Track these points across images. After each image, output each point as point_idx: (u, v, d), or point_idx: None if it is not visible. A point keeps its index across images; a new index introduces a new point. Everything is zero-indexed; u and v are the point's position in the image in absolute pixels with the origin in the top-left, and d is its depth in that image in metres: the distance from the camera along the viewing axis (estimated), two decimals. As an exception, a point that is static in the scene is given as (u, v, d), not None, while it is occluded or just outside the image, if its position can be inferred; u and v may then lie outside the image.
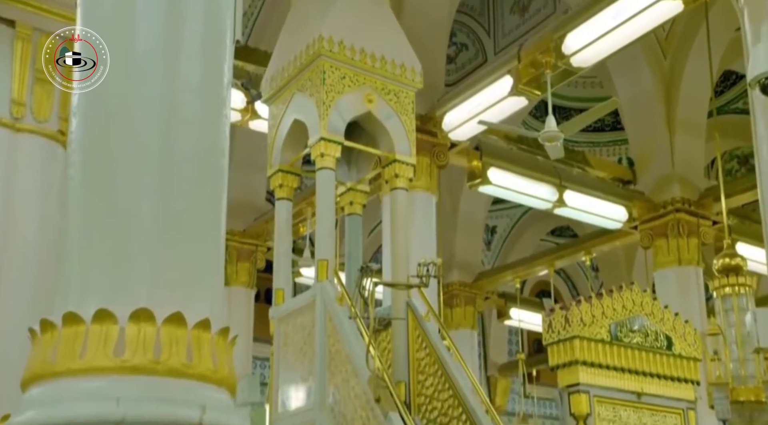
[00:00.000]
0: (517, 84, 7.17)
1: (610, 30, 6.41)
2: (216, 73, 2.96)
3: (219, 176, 2.94)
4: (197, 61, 2.88)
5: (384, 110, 6.12)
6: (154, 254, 2.64)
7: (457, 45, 13.18)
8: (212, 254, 2.84)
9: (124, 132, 2.73)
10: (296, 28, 6.49)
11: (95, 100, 2.74)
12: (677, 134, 10.04)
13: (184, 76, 2.85)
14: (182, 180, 2.79)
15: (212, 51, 2.95)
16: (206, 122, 2.90)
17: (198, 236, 2.81)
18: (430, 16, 8.42)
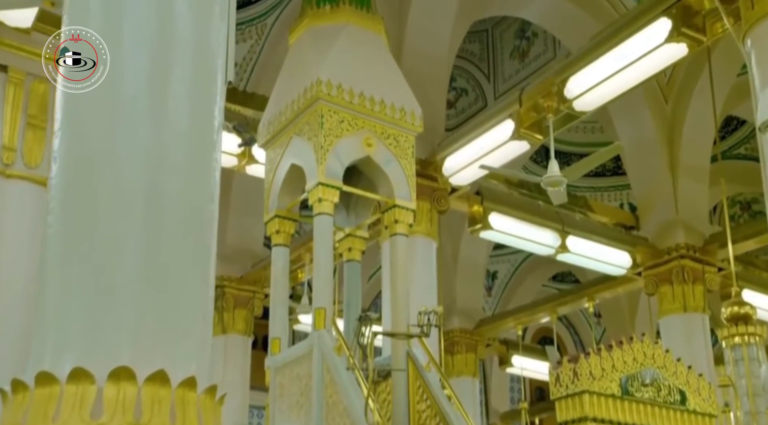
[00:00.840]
0: (518, 128, 7.05)
1: (612, 74, 6.31)
2: (206, 117, 2.82)
3: (208, 224, 2.78)
4: (186, 104, 2.74)
5: (383, 154, 6.00)
6: (137, 307, 2.47)
7: (457, 90, 13.15)
8: (200, 306, 2.67)
9: (107, 178, 2.58)
10: (294, 72, 6.39)
11: (77, 144, 2.60)
12: (680, 179, 9.92)
13: (172, 120, 2.71)
14: (169, 228, 2.64)
15: (202, 93, 2.81)
16: (195, 167, 2.76)
17: (185, 286, 2.64)
18: (430, 60, 8.34)
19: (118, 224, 2.54)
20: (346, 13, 6.28)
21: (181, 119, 2.74)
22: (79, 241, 2.52)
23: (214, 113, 2.86)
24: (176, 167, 2.70)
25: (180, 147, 2.72)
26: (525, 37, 12.41)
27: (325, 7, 6.34)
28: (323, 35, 6.24)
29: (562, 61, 6.89)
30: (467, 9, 9.01)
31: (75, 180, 2.58)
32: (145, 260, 2.58)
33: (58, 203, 2.55)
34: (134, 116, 2.66)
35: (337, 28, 6.24)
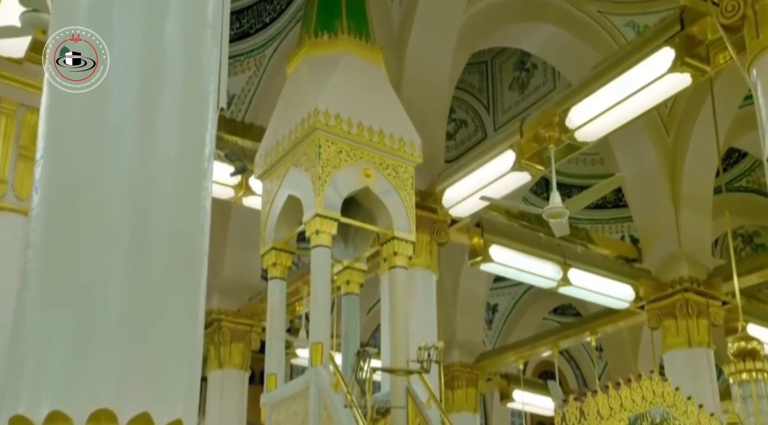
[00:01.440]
0: (519, 159, 6.94)
1: (615, 104, 6.20)
2: (196, 144, 2.70)
3: (198, 256, 2.65)
4: (175, 131, 2.62)
5: (382, 185, 5.90)
6: (120, 347, 2.33)
7: (456, 121, 13.08)
8: (188, 345, 2.53)
9: (91, 209, 2.45)
10: (291, 102, 6.31)
11: (59, 173, 2.47)
12: (683, 211, 9.80)
13: (161, 147, 2.59)
14: (156, 262, 2.50)
15: (193, 119, 2.69)
16: (184, 197, 2.63)
17: (172, 324, 2.51)
18: (430, 91, 8.26)
19: (101, 258, 2.41)
20: (345, 43, 6.21)
21: (171, 146, 2.61)
22: (60, 277, 2.38)
23: (205, 140, 2.73)
24: (164, 197, 2.57)
25: (169, 176, 2.58)
26: (524, 68, 12.36)
27: (323, 36, 6.27)
28: (321, 65, 6.16)
29: (563, 92, 6.79)
30: (467, 40, 8.95)
31: (56, 211, 2.45)
32: (130, 297, 2.44)
33: (38, 236, 2.42)
34: (120, 142, 2.53)
35: (335, 58, 6.16)
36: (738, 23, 4.91)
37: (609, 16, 10.01)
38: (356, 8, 6.41)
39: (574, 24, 9.85)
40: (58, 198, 2.45)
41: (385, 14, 8.46)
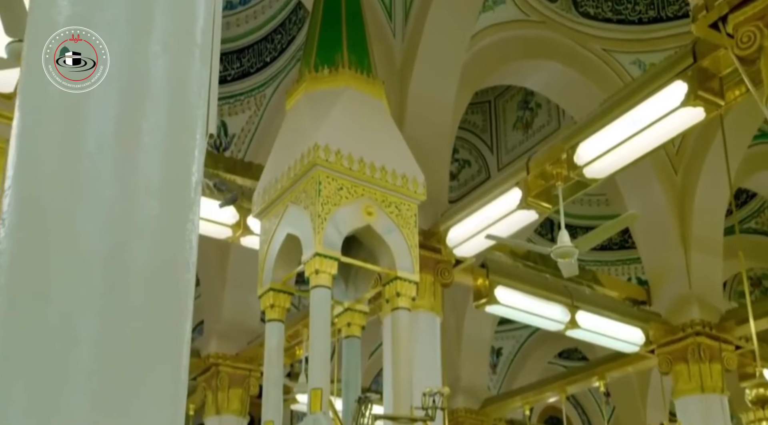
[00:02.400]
0: (526, 197, 6.71)
1: (625, 139, 5.98)
2: (181, 173, 2.47)
3: (182, 294, 2.41)
4: (158, 158, 2.40)
5: (384, 223, 5.68)
6: (91, 397, 2.08)
7: (460, 161, 12.93)
8: (170, 391, 2.28)
9: (63, 243, 2.22)
10: (290, 138, 6.12)
11: (29, 205, 2.24)
12: (693, 252, 9.56)
13: (142, 176, 2.36)
14: (134, 302, 2.26)
15: (178, 146, 2.47)
16: (167, 230, 2.40)
17: (152, 371, 2.26)
18: (433, 128, 8.08)
19: (72, 298, 2.17)
20: (346, 77, 6.03)
21: (153, 175, 2.38)
22: (26, 321, 2.14)
23: (191, 169, 2.51)
24: (145, 230, 2.34)
25: (150, 207, 2.35)
26: (528, 108, 12.24)
27: (323, 71, 6.09)
28: (321, 99, 5.98)
29: (571, 127, 6.59)
30: (470, 77, 8.81)
31: (24, 246, 2.21)
32: (104, 343, 2.19)
33: (4, 273, 2.19)
34: (97, 171, 2.30)
35: (336, 92, 5.98)
36: (754, 55, 4.71)
37: (614, 54, 9.90)
38: (358, 42, 6.24)
39: (578, 62, 9.73)
40: (27, 232, 2.22)
41: (387, 50, 8.32)
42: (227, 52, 11.57)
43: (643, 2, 9.93)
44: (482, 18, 8.88)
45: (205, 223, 7.47)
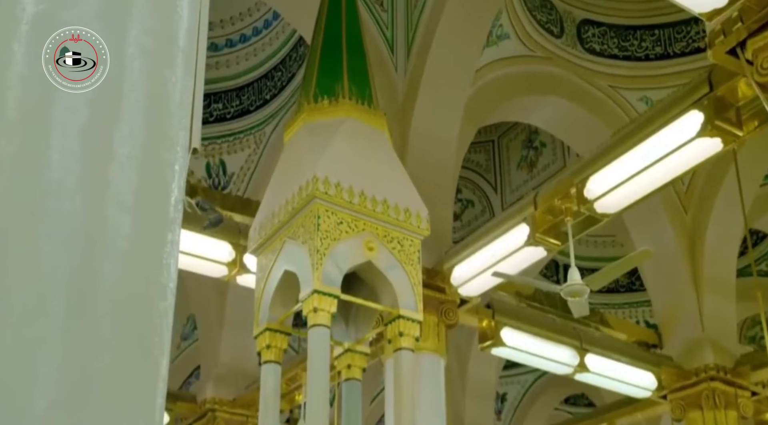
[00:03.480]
0: (533, 233, 6.43)
1: (638, 172, 5.70)
2: (159, 189, 2.21)
3: (158, 325, 2.12)
4: (132, 173, 2.13)
5: (386, 259, 5.42)
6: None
7: (463, 201, 12.70)
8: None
9: (21, 265, 1.94)
10: (288, 171, 5.88)
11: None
12: (705, 294, 9.24)
13: (113, 192, 2.10)
14: (101, 330, 1.98)
15: (155, 160, 2.21)
16: (141, 251, 2.12)
17: (123, 409, 1.97)
18: (436, 164, 7.84)
19: (31, 329, 1.89)
20: (346, 108, 5.81)
21: (125, 189, 2.11)
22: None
23: (170, 185, 2.24)
24: (115, 251, 2.06)
25: (122, 226, 2.08)
26: (533, 146, 12.03)
27: (323, 101, 5.87)
28: (320, 130, 5.75)
29: (580, 161, 6.33)
30: (474, 113, 8.59)
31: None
32: (68, 379, 1.91)
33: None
34: (61, 186, 2.03)
35: (335, 123, 5.75)
36: (776, 81, 4.48)
37: (621, 91, 9.73)
38: (359, 72, 6.03)
39: (584, 98, 9.55)
40: (-22, 251, 1.95)
41: (389, 84, 8.11)
42: (226, 90, 11.43)
43: (649, 38, 9.77)
44: (486, 53, 8.70)
45: (199, 260, 7.22)
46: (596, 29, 9.80)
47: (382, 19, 8.45)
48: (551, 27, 9.51)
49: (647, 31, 9.78)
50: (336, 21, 6.24)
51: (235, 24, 11.29)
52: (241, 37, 11.32)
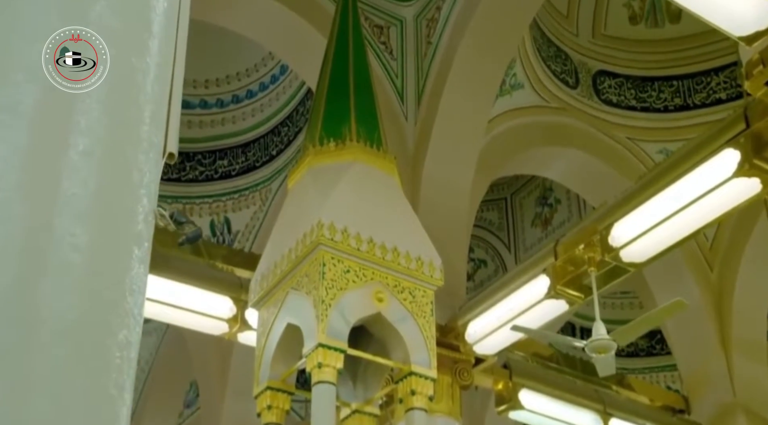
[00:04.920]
0: (554, 285, 5.98)
1: (668, 217, 5.27)
2: (123, 196, 1.83)
3: (115, 363, 1.72)
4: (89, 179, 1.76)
5: (397, 311, 5.02)
6: None
7: (475, 261, 12.28)
8: None
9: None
10: (292, 218, 5.51)
11: None
12: (735, 355, 8.74)
13: (62, 200, 1.72)
14: (42, 367, 1.59)
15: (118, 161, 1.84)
16: (98, 268, 1.73)
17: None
18: (449, 215, 7.46)
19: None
20: (354, 151, 5.47)
21: (80, 192, 1.74)
22: None
23: (138, 191, 1.86)
24: (64, 269, 1.67)
25: (73, 236, 1.70)
26: (547, 203, 11.67)
27: (329, 144, 5.53)
28: (326, 174, 5.40)
29: (604, 206, 5.92)
30: (487, 164, 8.24)
31: None
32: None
33: None
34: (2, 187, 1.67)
35: (342, 167, 5.41)
36: (821, 115, 4.11)
37: (639, 143, 9.41)
38: (367, 114, 5.71)
39: (601, 150, 9.22)
40: None
41: (399, 133, 7.79)
42: (232, 146, 11.17)
43: (668, 90, 9.47)
44: (499, 102, 8.39)
45: (197, 316, 6.80)
46: (612, 80, 9.52)
47: (392, 67, 8.18)
48: (566, 77, 9.23)
49: (665, 82, 9.49)
50: (343, 62, 5.95)
51: (242, 80, 11.09)
52: (248, 93, 11.10)
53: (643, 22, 9.62)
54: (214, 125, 11.19)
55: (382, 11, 8.30)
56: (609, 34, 9.59)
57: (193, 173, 11.16)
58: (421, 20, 8.21)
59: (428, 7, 8.15)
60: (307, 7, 7.93)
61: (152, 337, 11.97)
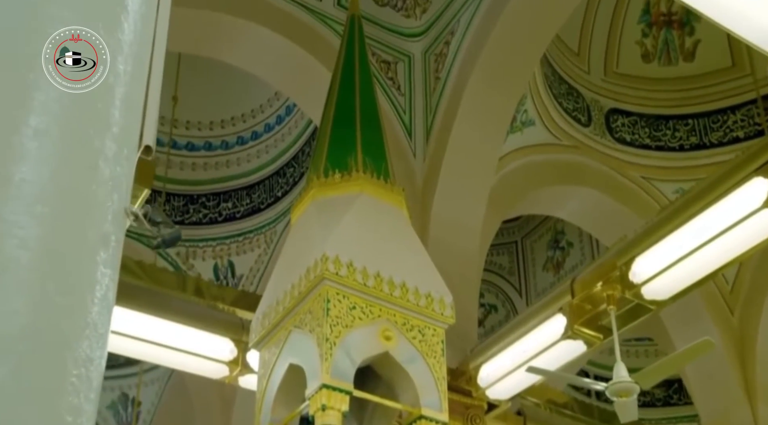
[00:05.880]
0: (571, 324, 5.65)
1: (695, 249, 4.96)
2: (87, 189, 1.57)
3: (72, 383, 1.44)
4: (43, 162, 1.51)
5: (406, 350, 4.72)
6: None
7: (486, 306, 11.97)
8: None
9: None
10: (294, 253, 5.24)
11: None
12: (759, 404, 8.34)
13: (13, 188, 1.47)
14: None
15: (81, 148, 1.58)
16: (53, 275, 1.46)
17: None
18: (459, 254, 7.16)
19: None
20: (360, 182, 5.21)
21: (32, 182, 1.47)
22: None
23: (105, 186, 1.59)
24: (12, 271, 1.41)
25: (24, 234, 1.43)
26: (559, 247, 11.39)
27: (334, 176, 5.28)
28: (331, 207, 5.14)
29: (623, 240, 5.63)
30: (498, 202, 7.97)
31: None
32: None
33: None
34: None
35: (348, 199, 5.15)
36: None
37: (654, 182, 9.14)
38: (374, 144, 5.47)
39: (615, 189, 8.96)
40: None
41: (407, 170, 7.55)
42: (237, 188, 10.96)
43: (683, 128, 9.23)
44: (510, 139, 8.16)
45: (196, 359, 6.49)
46: (626, 118, 9.30)
47: (399, 103, 7.97)
48: (578, 115, 9.01)
49: (680, 121, 9.26)
50: (349, 91, 5.74)
51: (247, 121, 10.93)
52: (253, 134, 10.93)
53: (656, 61, 9.43)
54: (218, 167, 11.00)
55: (390, 47, 8.13)
56: (621, 72, 9.39)
57: (196, 216, 10.94)
58: (430, 55, 8.03)
59: (437, 42, 7.97)
60: (314, 42, 7.76)
61: (155, 386, 11.71)
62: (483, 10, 7.54)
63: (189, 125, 10.95)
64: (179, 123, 10.68)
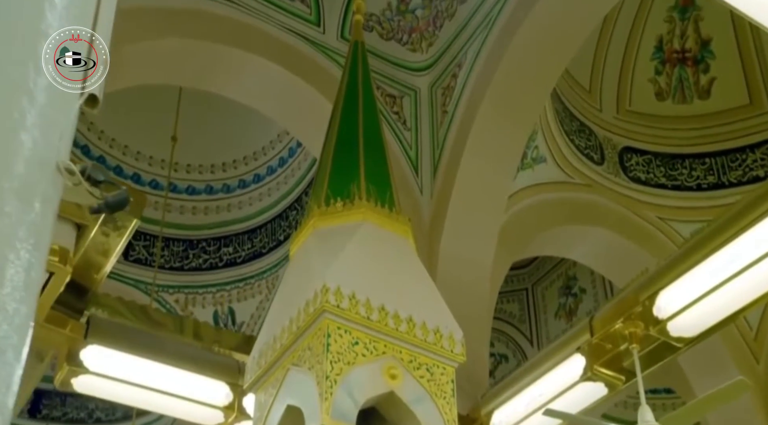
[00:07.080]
0: (590, 365, 5.24)
1: (725, 280, 4.55)
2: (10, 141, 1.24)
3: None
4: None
5: (413, 390, 4.34)
6: None
7: (496, 356, 11.55)
8: None
9: None
10: (293, 286, 4.90)
11: None
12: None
13: None
14: None
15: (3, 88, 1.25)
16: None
17: None
18: (469, 294, 6.79)
19: None
20: (363, 210, 4.89)
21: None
22: None
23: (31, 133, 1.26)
24: None
25: None
26: (571, 294, 11.01)
27: (336, 204, 4.96)
28: (332, 236, 4.80)
29: (646, 273, 5.25)
30: (509, 241, 7.62)
31: None
32: None
33: None
34: None
35: (350, 228, 4.82)
36: None
37: (671, 223, 8.79)
38: (378, 172, 5.16)
39: (630, 230, 8.61)
40: None
41: (414, 206, 7.22)
42: (238, 233, 10.65)
43: (700, 167, 8.91)
44: (521, 177, 7.84)
45: (189, 404, 6.09)
46: (640, 157, 8.99)
47: (405, 138, 7.69)
48: (591, 153, 8.71)
49: (697, 160, 8.95)
50: (352, 118, 5.45)
51: (249, 164, 10.68)
52: (255, 177, 10.67)
53: (671, 98, 9.16)
54: (219, 211, 10.71)
55: (395, 81, 7.88)
56: (634, 110, 9.12)
57: (196, 261, 10.61)
58: (437, 89, 7.76)
59: (444, 75, 7.71)
60: (317, 74, 7.53)
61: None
62: (491, 42, 7.30)
63: (189, 168, 10.69)
64: (179, 166, 10.43)
